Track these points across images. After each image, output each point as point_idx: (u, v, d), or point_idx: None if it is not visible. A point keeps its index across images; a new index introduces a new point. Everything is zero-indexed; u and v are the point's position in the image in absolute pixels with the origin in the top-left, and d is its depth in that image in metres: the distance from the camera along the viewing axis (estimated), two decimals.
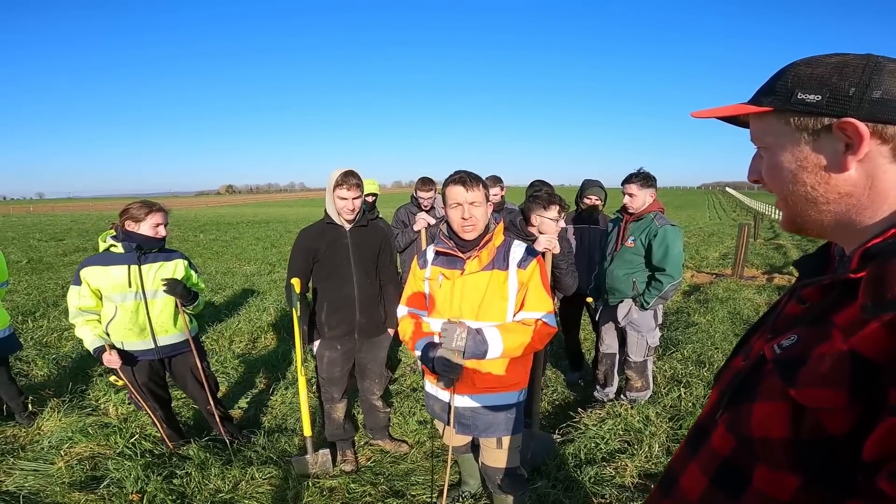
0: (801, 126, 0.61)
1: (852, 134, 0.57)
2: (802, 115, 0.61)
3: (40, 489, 2.57)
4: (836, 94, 0.58)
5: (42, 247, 12.79)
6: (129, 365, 2.70)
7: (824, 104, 0.59)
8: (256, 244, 14.06)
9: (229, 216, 30.61)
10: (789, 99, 0.61)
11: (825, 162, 0.60)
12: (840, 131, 0.58)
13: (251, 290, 7.49)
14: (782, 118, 0.63)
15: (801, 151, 0.62)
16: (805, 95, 0.60)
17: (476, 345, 1.76)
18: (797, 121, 0.61)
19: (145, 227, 2.60)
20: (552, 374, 4.24)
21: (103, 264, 2.59)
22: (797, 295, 0.66)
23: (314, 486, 2.63)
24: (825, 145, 0.60)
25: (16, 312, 5.79)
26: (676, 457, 0.78)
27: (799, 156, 0.62)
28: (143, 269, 2.63)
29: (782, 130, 0.64)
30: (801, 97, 0.60)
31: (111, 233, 2.65)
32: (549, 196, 2.64)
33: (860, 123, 0.56)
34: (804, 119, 0.61)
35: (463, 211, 1.86)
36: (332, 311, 2.73)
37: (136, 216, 2.59)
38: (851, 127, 0.57)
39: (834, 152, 0.59)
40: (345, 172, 2.55)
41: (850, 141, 0.58)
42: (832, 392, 0.51)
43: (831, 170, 0.60)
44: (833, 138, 0.59)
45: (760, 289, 7.32)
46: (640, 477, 2.67)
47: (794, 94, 0.61)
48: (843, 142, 0.58)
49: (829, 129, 0.59)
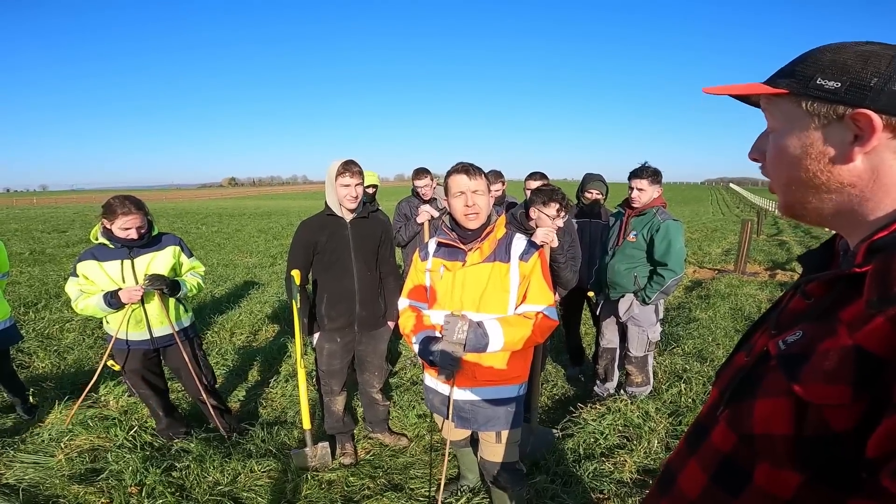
0: (814, 112, 0.60)
1: (864, 125, 0.56)
2: (818, 101, 0.59)
3: (40, 482, 2.58)
4: (856, 82, 0.57)
5: (45, 238, 12.82)
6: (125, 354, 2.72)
7: (842, 91, 0.57)
8: (258, 236, 14.07)
9: (231, 208, 30.65)
10: (807, 83, 0.60)
11: (831, 151, 0.59)
12: (852, 121, 0.57)
13: (252, 282, 7.50)
14: (796, 102, 0.61)
15: (809, 137, 0.61)
16: (824, 81, 0.59)
17: (477, 338, 1.76)
18: (810, 106, 0.60)
19: (115, 228, 2.58)
20: (552, 369, 4.24)
21: (99, 259, 2.60)
22: (801, 290, 0.65)
23: (313, 479, 2.64)
24: (834, 134, 0.59)
25: (18, 304, 5.81)
26: (675, 454, 0.78)
27: (805, 141, 0.61)
28: (135, 262, 2.64)
29: (794, 114, 0.62)
30: (820, 83, 0.59)
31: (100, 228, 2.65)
32: (550, 192, 2.64)
33: (875, 115, 0.55)
34: (818, 105, 0.59)
35: (466, 199, 1.87)
36: (332, 304, 2.73)
37: (109, 216, 2.57)
38: (865, 118, 0.55)
39: (841, 142, 0.58)
40: (345, 161, 2.56)
41: (859, 132, 0.56)
42: (837, 388, 0.50)
43: (836, 159, 0.59)
44: (843, 128, 0.58)
45: (763, 285, 7.29)
46: (639, 472, 2.67)
47: (814, 79, 0.59)
48: (852, 132, 0.57)
49: (842, 118, 0.57)
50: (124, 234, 2.59)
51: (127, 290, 2.54)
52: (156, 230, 2.78)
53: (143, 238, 2.66)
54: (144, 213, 2.65)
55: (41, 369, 4.10)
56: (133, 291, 2.54)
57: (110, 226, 2.57)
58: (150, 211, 2.75)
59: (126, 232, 2.58)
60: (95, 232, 2.65)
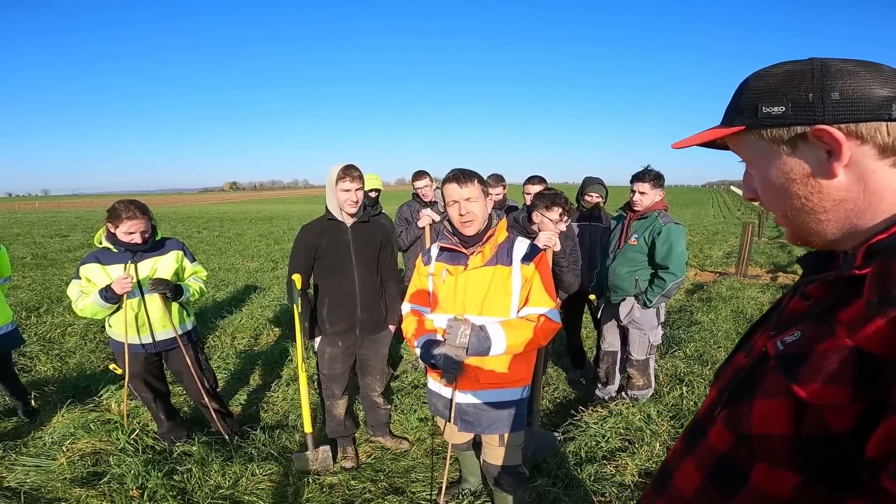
0: (777, 138, 0.61)
1: (829, 140, 0.56)
2: (774, 128, 0.60)
3: (42, 485, 2.58)
4: (797, 102, 0.58)
5: (47, 243, 12.84)
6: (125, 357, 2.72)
7: (790, 114, 0.58)
8: (260, 241, 14.08)
9: (233, 213, 30.68)
10: (756, 114, 0.61)
11: (811, 171, 0.60)
12: (817, 139, 0.57)
13: (254, 286, 7.50)
14: (756, 134, 0.62)
15: (785, 164, 0.61)
16: (769, 108, 0.60)
17: (479, 341, 1.77)
18: (770, 134, 0.61)
19: (119, 232, 2.60)
20: (554, 372, 4.23)
21: (102, 263, 2.62)
22: (801, 291, 0.66)
23: (314, 483, 2.64)
24: (806, 154, 0.59)
25: (20, 308, 5.82)
26: (672, 453, 0.78)
27: (784, 168, 0.62)
28: (139, 266, 2.66)
29: (761, 146, 0.63)
30: (767, 111, 0.60)
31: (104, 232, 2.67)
32: (553, 196, 2.65)
33: (833, 129, 0.55)
34: (777, 131, 0.60)
35: (460, 207, 1.89)
36: (333, 308, 2.74)
37: (113, 220, 2.58)
38: (826, 134, 0.56)
39: (818, 160, 0.59)
40: (345, 166, 2.58)
41: (830, 147, 0.57)
42: (836, 388, 0.51)
43: (820, 178, 0.59)
44: (812, 146, 0.59)
45: (764, 287, 7.28)
46: (640, 476, 2.66)
47: (760, 109, 0.60)
48: (823, 149, 0.58)
49: (805, 137, 0.58)
50: (128, 239, 2.60)
51: (118, 281, 2.53)
52: (159, 235, 2.80)
53: (147, 242, 2.68)
54: (149, 218, 2.68)
55: (43, 373, 4.11)
56: (123, 281, 2.53)
57: (114, 230, 2.59)
58: (154, 216, 2.77)
59: (130, 236, 2.60)
60: (99, 236, 2.67)
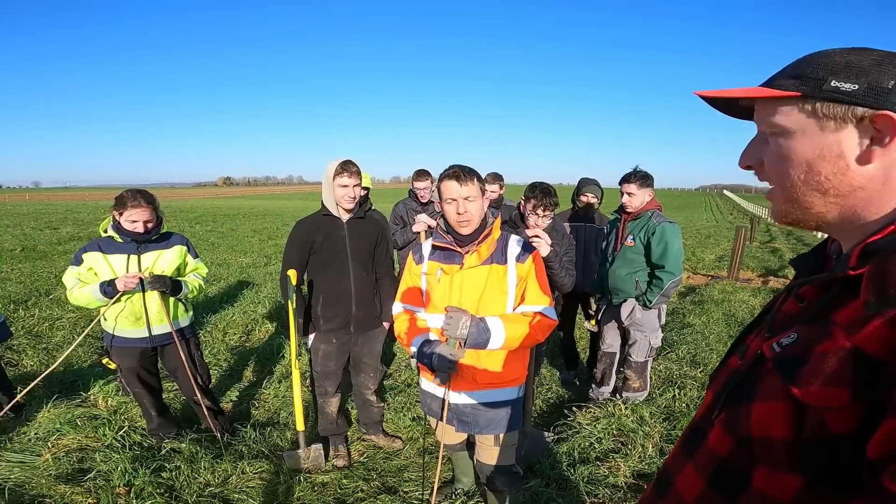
0: (829, 114, 0.59)
1: (882, 127, 0.56)
2: (834, 103, 0.58)
3: (26, 481, 2.53)
4: (874, 85, 0.56)
5: (36, 235, 12.69)
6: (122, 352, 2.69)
7: (860, 94, 0.57)
8: (253, 236, 14.00)
9: (226, 208, 30.50)
10: (821, 86, 0.59)
11: (848, 153, 0.59)
12: (871, 123, 0.56)
13: (246, 282, 7.45)
14: (808, 104, 0.60)
15: (825, 140, 0.60)
16: (840, 83, 0.58)
17: (479, 332, 1.74)
18: (825, 108, 0.59)
19: (123, 220, 2.57)
20: (547, 373, 4.23)
21: (105, 252, 2.59)
22: (795, 293, 0.66)
23: (306, 481, 2.61)
24: (849, 136, 0.58)
25: (7, 301, 5.74)
26: (671, 458, 0.77)
27: (820, 144, 0.60)
28: (142, 258, 2.63)
29: (801, 117, 0.61)
30: (836, 85, 0.58)
31: (110, 221, 2.64)
32: (544, 194, 2.66)
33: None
34: (834, 107, 0.58)
35: (458, 206, 1.85)
36: (327, 304, 2.71)
37: (119, 207, 2.57)
38: (888, 121, 0.55)
39: (859, 144, 0.58)
40: (343, 161, 2.56)
41: (878, 134, 0.56)
42: (836, 390, 0.50)
43: (852, 162, 0.58)
44: (859, 130, 0.58)
45: (756, 291, 7.34)
46: (633, 477, 2.66)
47: (828, 82, 0.59)
48: (869, 134, 0.57)
49: (861, 119, 0.57)
50: (131, 227, 2.58)
51: (122, 278, 2.52)
52: (165, 227, 2.78)
53: (151, 233, 2.66)
54: (154, 209, 2.66)
55: (30, 367, 4.05)
56: (129, 279, 2.51)
57: (119, 217, 2.58)
58: (160, 207, 2.74)
59: (133, 224, 2.58)
60: (105, 224, 2.65)
